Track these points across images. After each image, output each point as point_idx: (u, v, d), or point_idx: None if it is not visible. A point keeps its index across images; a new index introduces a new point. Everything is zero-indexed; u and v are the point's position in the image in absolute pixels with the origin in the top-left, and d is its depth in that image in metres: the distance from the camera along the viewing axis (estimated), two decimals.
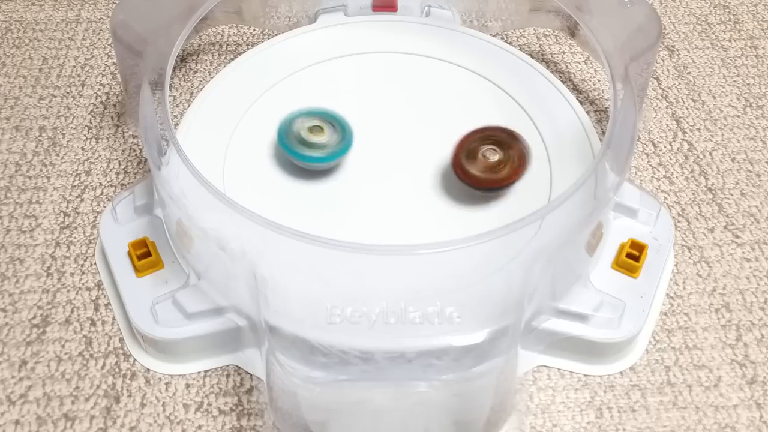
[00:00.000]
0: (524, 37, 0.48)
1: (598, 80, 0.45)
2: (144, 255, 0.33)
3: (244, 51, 0.42)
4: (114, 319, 0.33)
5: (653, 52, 0.37)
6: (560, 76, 0.44)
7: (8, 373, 0.32)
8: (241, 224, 0.28)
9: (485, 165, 0.33)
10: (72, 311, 0.34)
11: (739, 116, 0.43)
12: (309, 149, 0.34)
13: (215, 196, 0.29)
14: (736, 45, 0.47)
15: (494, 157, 0.33)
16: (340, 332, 0.27)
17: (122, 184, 0.39)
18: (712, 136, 0.42)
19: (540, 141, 0.37)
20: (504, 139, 0.34)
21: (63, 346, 0.32)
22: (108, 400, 0.31)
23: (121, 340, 0.33)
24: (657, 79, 0.45)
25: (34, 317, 0.33)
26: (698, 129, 0.42)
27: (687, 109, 0.43)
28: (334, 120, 0.35)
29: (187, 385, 0.31)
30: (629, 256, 0.33)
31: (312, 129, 0.35)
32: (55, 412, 0.30)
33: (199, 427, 0.30)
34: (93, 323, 0.33)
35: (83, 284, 0.35)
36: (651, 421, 0.30)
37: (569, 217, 0.29)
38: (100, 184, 0.39)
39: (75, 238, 0.36)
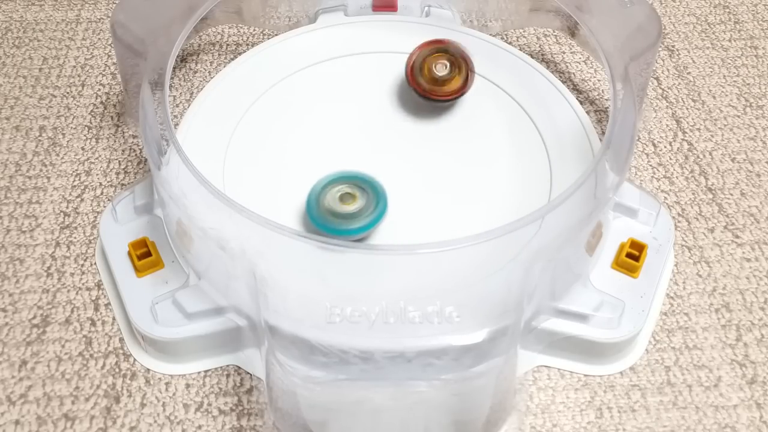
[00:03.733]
0: (524, 37, 0.48)
1: (598, 80, 0.45)
2: (144, 255, 0.33)
3: (244, 51, 0.42)
4: (114, 319, 0.33)
5: (653, 52, 0.37)
6: (560, 76, 0.44)
7: (8, 373, 0.32)
8: (240, 224, 0.28)
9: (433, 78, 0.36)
10: (72, 311, 0.34)
11: (739, 116, 0.43)
12: (342, 221, 0.31)
13: (215, 196, 0.29)
14: (736, 45, 0.47)
15: (443, 72, 0.36)
16: (339, 332, 0.27)
17: (122, 184, 0.39)
18: (712, 136, 0.42)
19: (540, 141, 0.37)
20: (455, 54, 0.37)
21: (63, 346, 0.32)
22: (108, 400, 0.31)
23: (121, 340, 0.33)
24: (657, 79, 0.45)
25: (34, 317, 0.33)
26: (698, 129, 0.42)
27: (687, 109, 0.43)
28: (365, 183, 0.32)
29: (187, 385, 0.31)
30: (629, 255, 0.33)
31: (343, 197, 0.32)
32: (55, 412, 0.30)
33: (199, 427, 0.30)
34: (93, 323, 0.33)
35: (83, 284, 0.35)
36: (651, 421, 0.30)
37: (569, 217, 0.29)
38: (100, 184, 0.39)
39: (75, 238, 0.36)
